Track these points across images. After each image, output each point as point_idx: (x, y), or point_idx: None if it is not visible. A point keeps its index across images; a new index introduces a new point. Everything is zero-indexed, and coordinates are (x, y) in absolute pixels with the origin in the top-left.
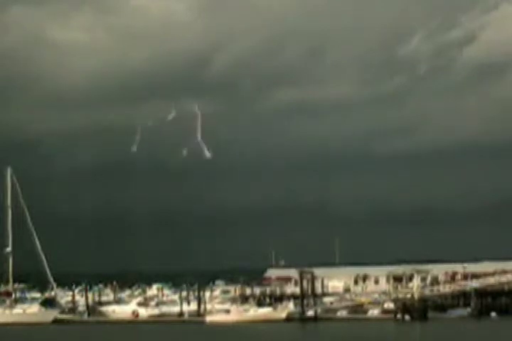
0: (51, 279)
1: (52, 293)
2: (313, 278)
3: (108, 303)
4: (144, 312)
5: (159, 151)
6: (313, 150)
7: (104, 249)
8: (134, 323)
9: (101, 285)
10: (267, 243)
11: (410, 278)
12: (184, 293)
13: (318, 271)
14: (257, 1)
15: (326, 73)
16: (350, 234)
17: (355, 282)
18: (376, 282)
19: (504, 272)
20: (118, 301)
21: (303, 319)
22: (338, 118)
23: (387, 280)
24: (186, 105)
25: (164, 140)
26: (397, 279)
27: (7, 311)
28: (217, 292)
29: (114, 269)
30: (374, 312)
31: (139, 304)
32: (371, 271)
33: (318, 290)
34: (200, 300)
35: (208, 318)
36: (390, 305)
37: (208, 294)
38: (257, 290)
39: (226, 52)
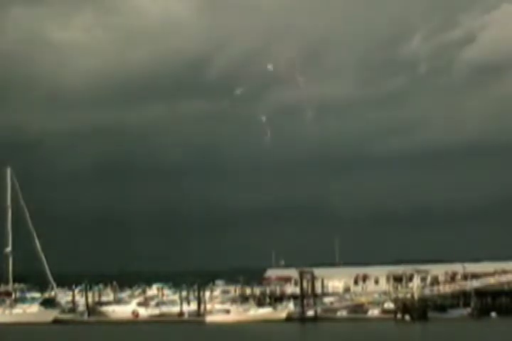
0: (51, 279)
1: (52, 293)
2: (313, 278)
3: (108, 303)
4: (144, 312)
5: (159, 151)
6: (313, 150)
7: (104, 249)
8: (134, 323)
9: (101, 285)
10: (266, 243)
11: (410, 278)
12: (184, 293)
13: (318, 271)
14: (256, 1)
15: (325, 73)
16: (350, 234)
17: (355, 282)
18: (376, 282)
19: (504, 272)
20: (118, 301)
21: (303, 319)
22: (337, 118)
23: (387, 280)
24: (185, 105)
25: (164, 140)
26: (397, 279)
27: (7, 311)
28: (217, 292)
29: (114, 269)
30: (374, 312)
31: (139, 304)
32: (371, 271)
33: (318, 290)
34: (200, 300)
35: (208, 318)
36: (390, 305)
37: (208, 294)
38: (257, 290)
39: (226, 53)
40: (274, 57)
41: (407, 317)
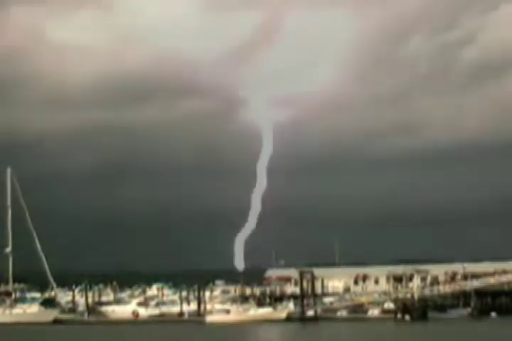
0: (51, 279)
1: (52, 293)
2: (313, 278)
3: (108, 303)
4: (144, 312)
5: (159, 151)
6: (313, 151)
7: (104, 249)
8: (134, 323)
9: (101, 285)
10: (266, 243)
11: (410, 278)
12: (184, 293)
13: (318, 271)
14: (256, 1)
15: (325, 73)
16: (350, 234)
17: (355, 282)
18: (376, 282)
19: (504, 272)
20: (118, 301)
21: (303, 319)
22: (337, 118)
23: (387, 280)
24: (185, 105)
25: (164, 140)
26: (397, 279)
27: (7, 311)
28: (217, 292)
29: (114, 269)
30: (374, 312)
31: (139, 304)
32: (371, 271)
33: (318, 290)
34: (200, 300)
35: (208, 318)
36: (390, 305)
37: (207, 294)
38: (257, 290)
39: (225, 53)
40: (274, 57)
41: (407, 317)
